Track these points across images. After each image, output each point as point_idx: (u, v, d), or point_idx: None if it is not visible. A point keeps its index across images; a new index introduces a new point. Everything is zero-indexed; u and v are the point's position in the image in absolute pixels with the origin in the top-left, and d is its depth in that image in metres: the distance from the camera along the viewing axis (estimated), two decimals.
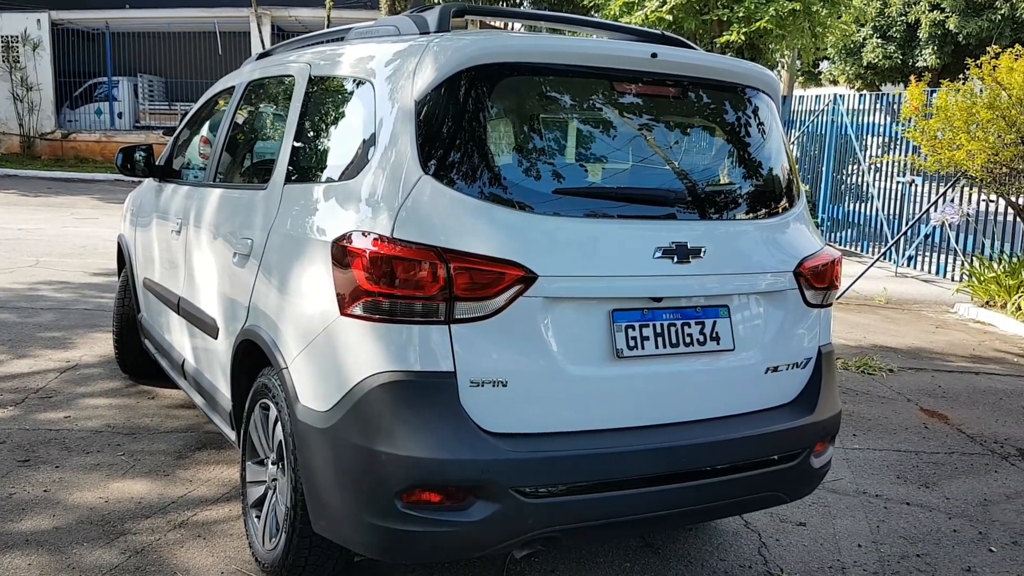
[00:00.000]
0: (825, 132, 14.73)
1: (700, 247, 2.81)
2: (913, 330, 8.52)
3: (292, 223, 3.01)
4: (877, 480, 4.56)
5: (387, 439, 2.49)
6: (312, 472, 2.71)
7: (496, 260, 2.53)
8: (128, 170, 4.91)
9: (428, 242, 2.51)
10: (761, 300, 3.01)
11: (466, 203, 2.58)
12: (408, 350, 2.51)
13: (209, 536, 3.51)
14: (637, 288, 2.74)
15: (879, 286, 10.68)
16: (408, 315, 2.50)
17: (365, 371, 2.54)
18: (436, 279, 2.48)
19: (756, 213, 3.09)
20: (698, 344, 2.85)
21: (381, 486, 2.51)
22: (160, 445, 4.45)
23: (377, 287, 2.51)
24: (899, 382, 6.54)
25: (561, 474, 2.60)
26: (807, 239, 3.17)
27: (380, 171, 2.66)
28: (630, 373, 2.74)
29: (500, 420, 2.58)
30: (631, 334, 2.73)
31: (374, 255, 2.51)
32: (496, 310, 2.54)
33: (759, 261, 2.99)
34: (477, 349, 2.54)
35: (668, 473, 2.77)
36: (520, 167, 2.74)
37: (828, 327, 3.27)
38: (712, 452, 2.83)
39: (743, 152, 3.15)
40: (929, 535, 3.94)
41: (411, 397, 2.50)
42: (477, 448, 2.51)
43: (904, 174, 12.40)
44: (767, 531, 3.87)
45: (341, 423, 2.57)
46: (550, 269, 2.59)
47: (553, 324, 2.62)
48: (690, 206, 2.93)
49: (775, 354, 3.03)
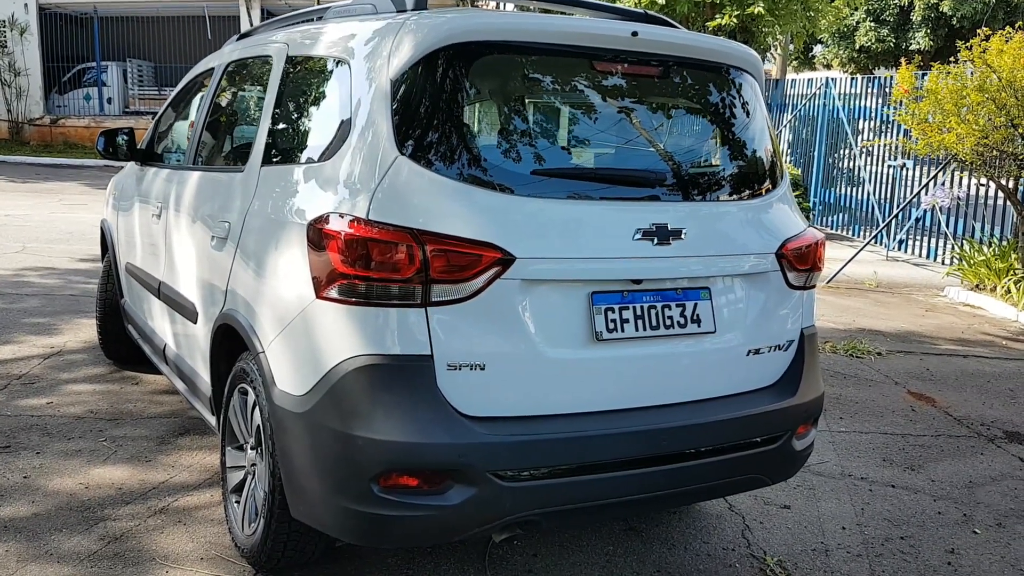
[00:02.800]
0: (817, 116, 14.70)
1: (681, 228, 2.78)
2: (903, 314, 8.52)
3: (269, 206, 2.97)
4: (863, 463, 4.56)
5: (363, 423, 2.47)
6: (289, 457, 2.69)
7: (473, 242, 2.50)
8: (110, 154, 4.87)
9: (404, 224, 2.47)
10: (743, 282, 2.99)
11: (443, 184, 2.54)
12: (384, 333, 2.48)
13: (189, 522, 3.48)
14: (616, 270, 2.71)
15: (869, 270, 10.67)
16: (384, 298, 2.47)
17: (341, 355, 2.51)
18: (412, 261, 2.45)
19: (738, 194, 3.06)
20: (679, 327, 2.82)
21: (357, 470, 2.49)
22: (142, 431, 4.42)
23: (353, 270, 2.48)
24: (887, 365, 6.54)
25: (539, 458, 2.58)
26: (790, 221, 3.14)
27: (356, 152, 2.62)
28: (610, 356, 2.72)
29: (478, 404, 2.55)
30: (610, 317, 2.71)
31: (349, 237, 2.48)
32: (473, 293, 2.51)
33: (741, 243, 2.97)
34: (454, 332, 2.51)
35: (648, 456, 2.75)
36: (498, 148, 2.70)
37: (811, 309, 3.25)
38: (693, 435, 2.81)
39: (726, 133, 3.12)
40: (913, 517, 3.94)
41: (387, 381, 2.47)
42: (454, 432, 2.49)
43: (895, 158, 12.39)
44: (751, 514, 3.86)
45: (317, 407, 2.55)
46: (528, 251, 2.56)
47: (531, 307, 2.60)
48: (671, 187, 2.90)
49: (757, 336, 3.00)
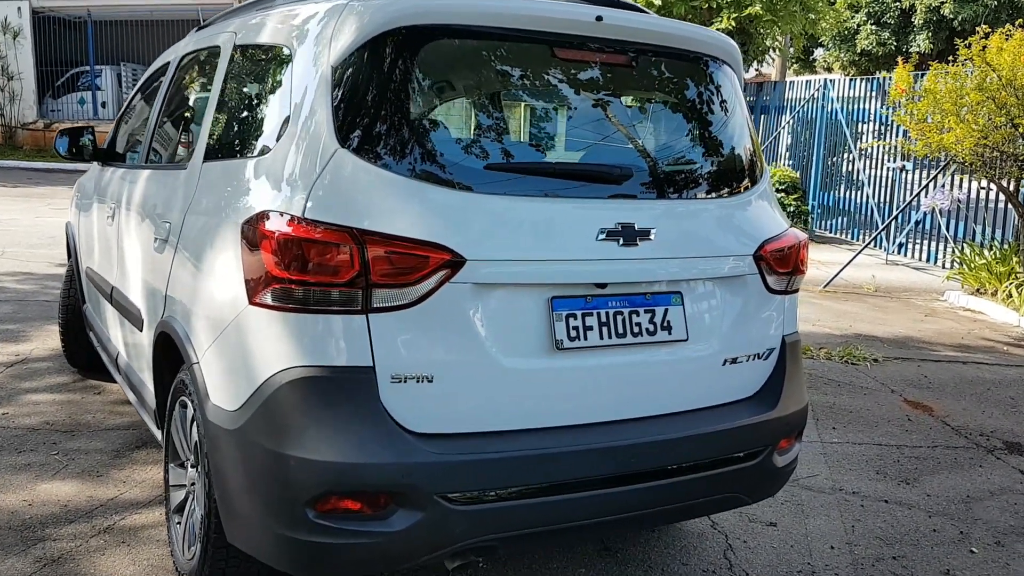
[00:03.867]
0: (815, 118, 14.49)
1: (649, 228, 2.57)
2: (901, 318, 8.30)
3: (206, 204, 2.77)
4: (855, 476, 4.34)
5: (297, 442, 2.25)
6: (223, 477, 2.48)
7: (419, 243, 2.29)
8: (73, 154, 4.66)
9: (343, 223, 2.26)
10: (718, 286, 2.78)
11: (387, 180, 2.33)
12: (321, 343, 2.27)
13: (134, 543, 3.27)
14: (579, 273, 2.50)
15: (868, 274, 10.47)
16: (321, 304, 2.26)
17: (274, 366, 2.30)
18: (351, 264, 2.24)
19: (713, 192, 2.85)
20: (647, 334, 2.61)
21: (291, 494, 2.27)
22: (98, 444, 4.21)
23: (286, 273, 2.27)
24: (884, 372, 6.32)
25: (493, 478, 2.37)
26: (769, 220, 2.93)
27: (295, 145, 2.42)
28: (571, 366, 2.50)
29: (425, 419, 2.34)
30: (572, 323, 2.50)
31: (283, 237, 2.27)
32: (419, 298, 2.30)
33: (715, 244, 2.75)
34: (399, 341, 2.30)
35: (614, 475, 2.54)
36: (449, 141, 2.50)
37: (794, 315, 3.03)
38: (663, 451, 2.60)
39: (700, 126, 2.91)
40: (907, 535, 3.72)
41: (324, 395, 2.26)
42: (398, 451, 2.27)
43: (894, 159, 12.17)
44: (735, 532, 3.64)
45: (249, 424, 2.34)
46: (480, 253, 2.35)
47: (485, 313, 2.38)
48: (639, 184, 2.68)
49: (734, 344, 2.79)
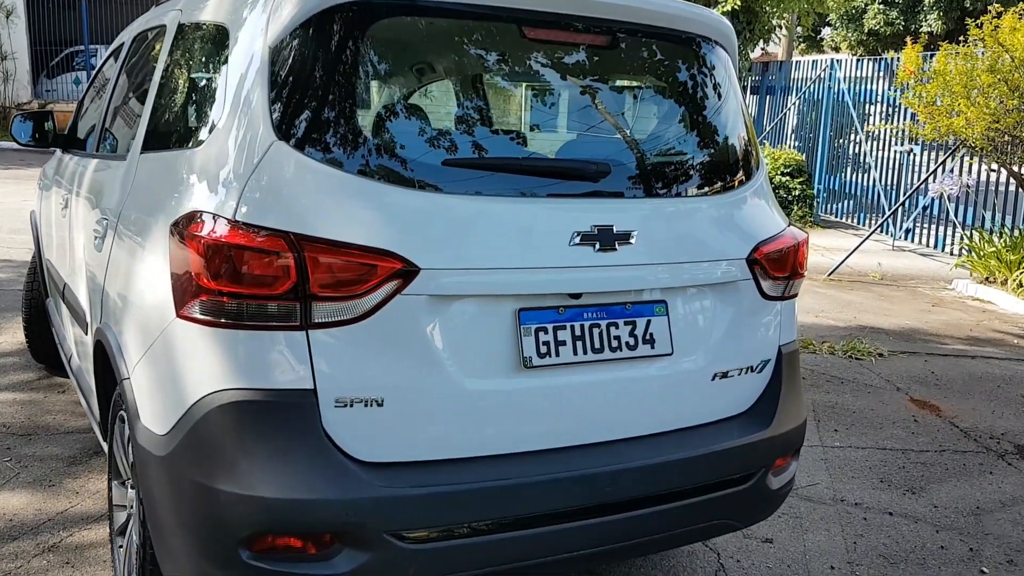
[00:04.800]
0: (821, 99, 14.14)
1: (629, 231, 2.30)
2: (908, 309, 8.02)
3: (140, 200, 2.52)
4: (858, 485, 4.08)
5: (228, 474, 2.00)
6: (154, 507, 2.23)
7: (365, 249, 2.02)
8: (37, 140, 4.40)
9: (278, 226, 2.00)
10: (707, 294, 2.51)
11: (330, 177, 2.07)
12: (254, 362, 2.01)
13: (79, 564, 3.04)
14: (549, 283, 2.24)
15: (874, 261, 10.18)
16: (254, 319, 2.00)
17: (203, 388, 2.05)
18: (287, 274, 1.98)
19: (703, 189, 2.58)
20: (627, 348, 2.35)
21: (222, 532, 2.02)
22: (55, 449, 3.97)
23: (215, 283, 2.01)
24: (889, 368, 6.05)
25: (452, 513, 2.12)
26: (765, 219, 2.66)
27: (227, 136, 2.15)
28: (541, 386, 2.25)
29: (375, 447, 2.09)
30: (543, 338, 2.23)
31: (211, 243, 2.01)
32: (366, 312, 2.04)
33: (705, 247, 2.48)
34: (344, 361, 2.05)
35: (590, 505, 2.29)
36: (402, 133, 2.23)
37: (791, 322, 2.77)
38: (644, 478, 2.34)
39: (689, 115, 2.64)
40: (912, 553, 3.47)
41: (258, 421, 2.01)
42: (342, 484, 2.02)
43: (902, 143, 11.84)
44: (727, 550, 3.39)
45: (178, 451, 2.09)
46: (436, 260, 2.09)
47: (442, 328, 2.12)
48: (619, 182, 2.41)
49: (724, 357, 2.53)
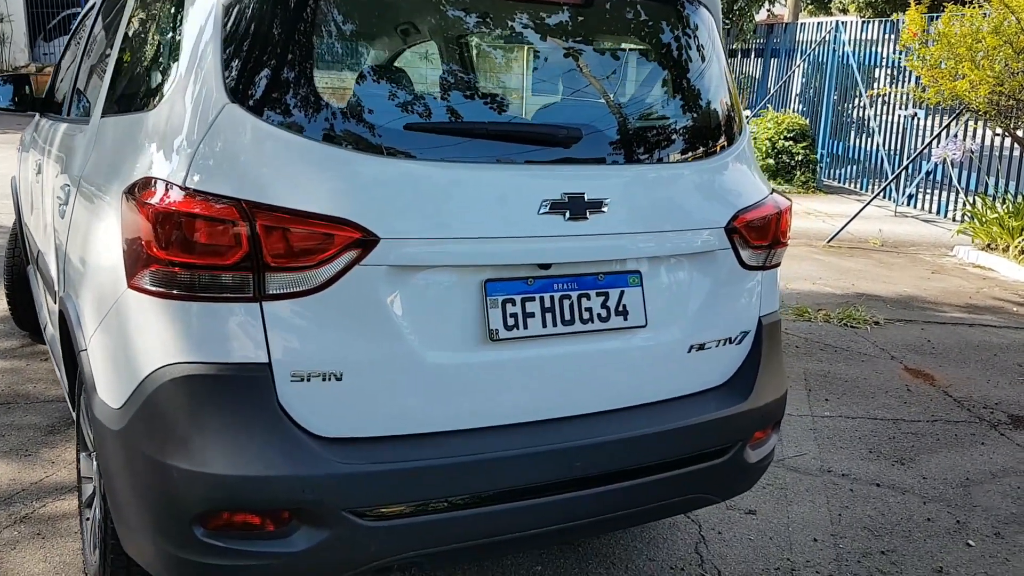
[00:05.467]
0: (826, 62, 13.92)
1: (601, 200, 2.22)
2: (907, 276, 7.94)
3: (98, 165, 2.45)
4: (846, 455, 4.03)
5: (180, 450, 1.94)
6: (111, 482, 2.18)
7: (321, 218, 1.95)
8: (16, 104, 4.31)
9: (229, 193, 1.92)
10: (684, 264, 2.43)
11: (284, 141, 1.98)
12: (206, 335, 1.95)
13: (51, 535, 3.00)
14: (517, 253, 2.16)
15: (876, 227, 10.06)
16: (206, 290, 1.93)
17: (155, 361, 1.98)
18: (239, 243, 1.91)
19: (680, 155, 2.48)
20: (599, 320, 2.28)
21: (175, 510, 1.97)
22: (34, 418, 3.94)
23: (165, 253, 1.93)
24: (884, 336, 5.98)
25: (414, 489, 2.06)
26: (746, 186, 2.57)
27: (181, 99, 2.07)
28: (509, 359, 2.18)
29: (334, 422, 2.03)
30: (510, 310, 2.16)
31: (161, 210, 1.94)
32: (324, 283, 1.97)
33: (681, 215, 2.40)
34: (300, 333, 1.98)
35: (559, 480, 2.23)
36: (362, 95, 2.14)
37: (773, 292, 2.69)
38: (615, 452, 2.28)
39: (667, 78, 2.54)
40: (898, 525, 3.42)
41: (211, 396, 1.95)
42: (298, 461, 1.96)
43: (906, 107, 11.66)
44: (709, 522, 3.35)
45: (131, 426, 2.03)
46: (397, 230, 2.01)
47: (404, 300, 2.05)
48: (592, 147, 2.31)
49: (701, 329, 2.46)
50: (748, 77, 17.33)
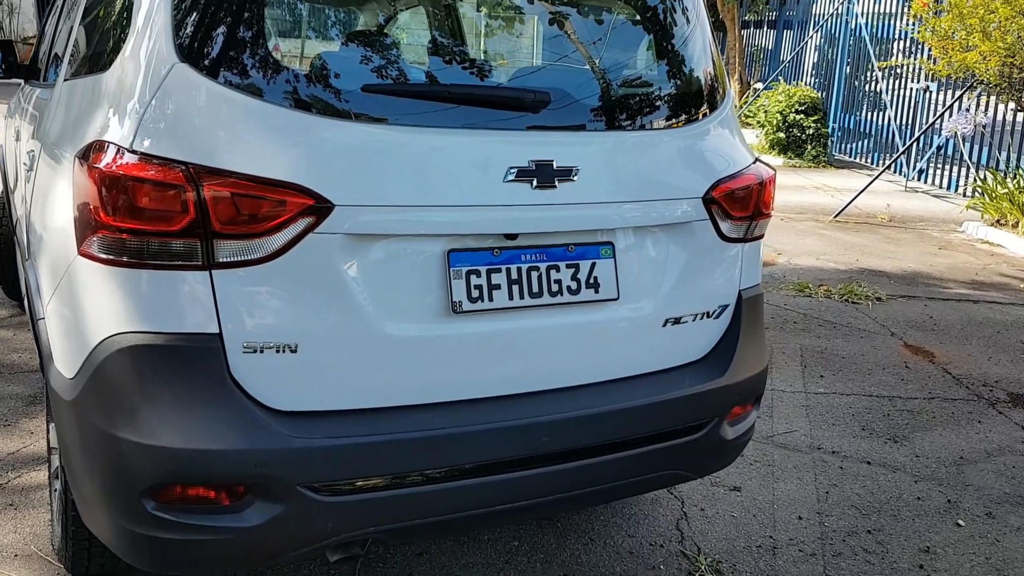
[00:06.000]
0: (839, 34, 13.69)
1: (571, 167, 2.14)
2: (913, 251, 7.81)
3: (57, 130, 2.39)
4: (837, 432, 3.96)
5: (128, 422, 1.89)
6: (67, 454, 2.14)
7: (271, 184, 1.88)
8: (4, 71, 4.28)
9: (176, 157, 1.86)
10: (659, 235, 2.36)
11: (237, 104, 1.92)
12: (154, 304, 1.89)
13: (23, 506, 2.98)
14: (482, 222, 2.09)
15: (884, 202, 9.92)
16: (153, 257, 1.87)
17: (104, 331, 1.93)
18: (185, 209, 1.85)
19: (657, 122, 2.40)
20: (569, 293, 2.21)
21: (124, 483, 1.92)
22: (17, 388, 3.91)
23: (112, 219, 1.87)
24: (885, 312, 5.89)
25: (372, 464, 2.01)
26: (727, 155, 2.48)
27: (131, 58, 2.00)
28: (472, 332, 2.12)
29: (288, 395, 1.97)
30: (474, 282, 2.10)
31: (108, 174, 1.87)
32: (275, 251, 1.91)
33: (656, 185, 2.32)
34: (252, 303, 1.92)
35: (526, 456, 2.17)
36: (316, 55, 2.06)
37: (755, 265, 2.61)
38: (583, 428, 2.22)
39: (646, 39, 2.45)
40: (887, 504, 3.36)
41: (159, 367, 1.89)
42: (250, 434, 1.91)
43: (918, 80, 11.46)
44: (692, 498, 3.29)
45: (82, 397, 1.98)
46: (353, 197, 1.94)
47: (362, 270, 1.99)
48: (562, 112, 2.23)
49: (677, 302, 2.39)
50: (760, 49, 17.10)
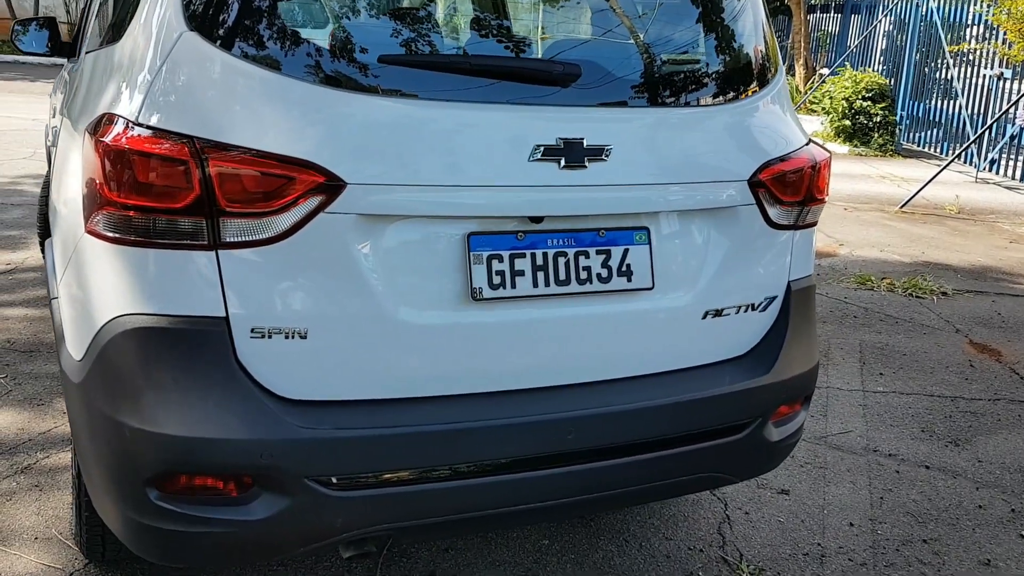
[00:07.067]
0: (908, 19, 13.20)
1: (603, 146, 1.99)
2: (982, 245, 7.46)
3: (75, 104, 2.33)
4: (895, 434, 3.75)
5: (132, 408, 1.81)
6: (77, 438, 2.07)
7: (280, 159, 1.77)
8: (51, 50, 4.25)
9: (181, 130, 1.76)
10: (700, 220, 2.20)
11: (247, 75, 1.81)
12: (159, 285, 1.80)
13: (48, 488, 2.94)
14: (505, 203, 1.96)
15: (953, 193, 9.52)
16: (158, 236, 1.78)
17: (109, 312, 1.85)
18: (190, 184, 1.75)
19: (698, 97, 2.23)
20: (599, 281, 2.06)
21: (128, 471, 1.84)
22: (53, 367, 3.89)
23: (116, 194, 1.79)
24: (951, 308, 5.60)
25: (384, 458, 1.90)
26: (777, 134, 2.31)
27: (143, 27, 1.92)
28: (493, 321, 1.99)
29: (297, 383, 1.87)
30: (496, 267, 1.97)
31: (114, 148, 1.78)
32: (285, 231, 1.80)
33: (697, 166, 2.16)
34: (261, 286, 1.82)
35: (548, 454, 2.04)
36: (331, 24, 1.95)
37: (807, 255, 2.43)
38: (613, 425, 2.08)
39: (687, 6, 2.28)
40: (945, 512, 3.15)
41: (164, 351, 1.80)
42: (257, 423, 1.81)
43: (992, 66, 10.97)
44: (736, 500, 3.13)
45: (88, 380, 1.90)
46: (367, 174, 1.82)
47: (375, 253, 1.87)
48: (593, 85, 2.07)
49: (718, 293, 2.22)
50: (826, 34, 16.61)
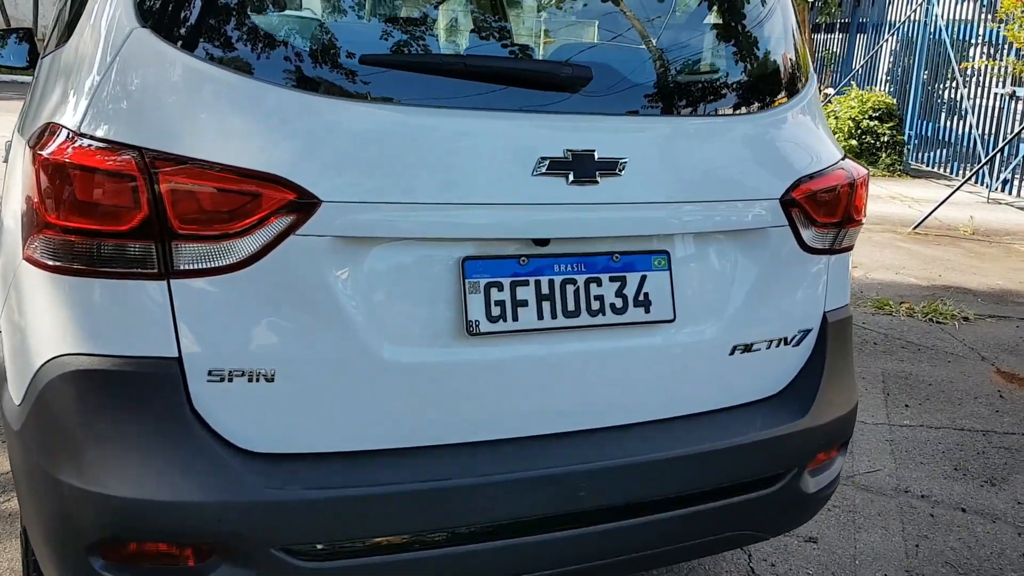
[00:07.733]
0: (916, 38, 13.01)
1: (617, 159, 1.74)
2: (1000, 267, 7.21)
3: (26, 112, 2.10)
4: (927, 473, 3.47)
5: (72, 464, 1.55)
6: (17, 491, 1.81)
7: (242, 173, 1.52)
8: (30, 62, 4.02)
9: (127, 140, 1.51)
10: (726, 243, 1.94)
11: (205, 77, 1.56)
12: (101, 321, 1.54)
13: (6, 536, 2.67)
14: (505, 224, 1.70)
15: (966, 214, 9.27)
16: (100, 263, 1.53)
17: (46, 352, 1.59)
18: (136, 203, 1.50)
19: (722, 107, 1.98)
20: (613, 312, 1.80)
21: (69, 535, 1.58)
22: None
23: (56, 216, 1.54)
24: (974, 334, 5.34)
25: (364, 522, 1.63)
26: (811, 148, 2.06)
27: (91, 27, 1.68)
28: (492, 359, 1.73)
29: (263, 434, 1.61)
30: (496, 297, 1.71)
31: (49, 162, 1.54)
32: (249, 257, 1.55)
33: (723, 183, 1.90)
34: (220, 321, 1.56)
35: (556, 514, 1.77)
36: (306, 20, 1.71)
37: (843, 283, 2.18)
38: (629, 479, 1.82)
39: (710, 7, 2.04)
40: (987, 561, 2.87)
41: (107, 398, 1.54)
42: (214, 482, 1.55)
43: (1003, 84, 10.75)
44: (762, 550, 2.85)
45: (27, 428, 1.65)
46: (344, 191, 1.57)
47: (355, 281, 1.62)
48: (605, 92, 1.82)
49: (747, 326, 1.97)
50: (831, 54, 16.45)
